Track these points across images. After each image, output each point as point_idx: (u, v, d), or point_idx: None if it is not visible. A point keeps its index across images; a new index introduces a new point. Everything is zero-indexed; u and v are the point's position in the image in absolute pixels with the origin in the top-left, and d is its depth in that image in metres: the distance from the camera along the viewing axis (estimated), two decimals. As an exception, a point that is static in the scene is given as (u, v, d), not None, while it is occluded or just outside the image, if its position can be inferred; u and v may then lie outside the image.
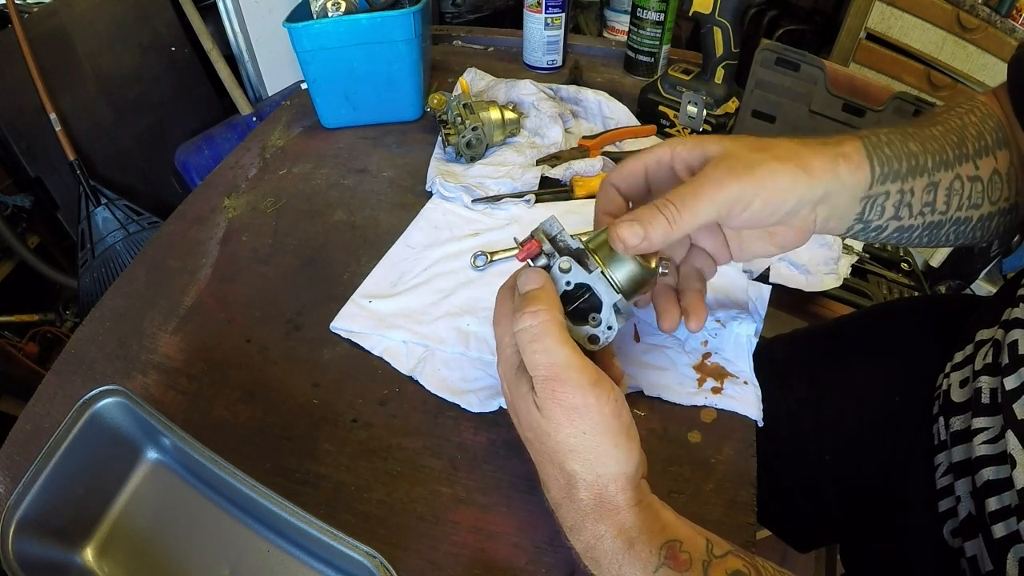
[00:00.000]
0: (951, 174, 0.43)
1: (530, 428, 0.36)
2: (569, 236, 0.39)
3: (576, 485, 0.34)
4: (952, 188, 0.44)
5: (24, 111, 1.34)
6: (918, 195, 0.43)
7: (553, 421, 0.34)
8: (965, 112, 0.46)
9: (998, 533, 0.39)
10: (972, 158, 0.44)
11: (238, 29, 1.58)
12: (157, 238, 0.67)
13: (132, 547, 0.42)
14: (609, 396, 0.34)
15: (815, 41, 1.96)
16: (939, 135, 0.43)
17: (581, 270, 0.38)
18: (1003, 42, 1.46)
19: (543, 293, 0.36)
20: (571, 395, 0.33)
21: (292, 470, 0.46)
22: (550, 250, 0.39)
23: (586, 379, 0.33)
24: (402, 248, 0.64)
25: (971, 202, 0.45)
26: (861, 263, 0.80)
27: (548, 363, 0.33)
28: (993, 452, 0.41)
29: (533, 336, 0.34)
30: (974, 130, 0.45)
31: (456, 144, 0.72)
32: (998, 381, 0.42)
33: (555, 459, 0.35)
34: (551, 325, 0.34)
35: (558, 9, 0.89)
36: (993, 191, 0.45)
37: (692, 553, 0.33)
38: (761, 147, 0.38)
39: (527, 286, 0.37)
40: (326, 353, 0.54)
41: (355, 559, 0.36)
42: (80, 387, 0.51)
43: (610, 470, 0.34)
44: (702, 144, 0.39)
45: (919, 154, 0.42)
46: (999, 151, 0.45)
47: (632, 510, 0.34)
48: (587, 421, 0.33)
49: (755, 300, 0.58)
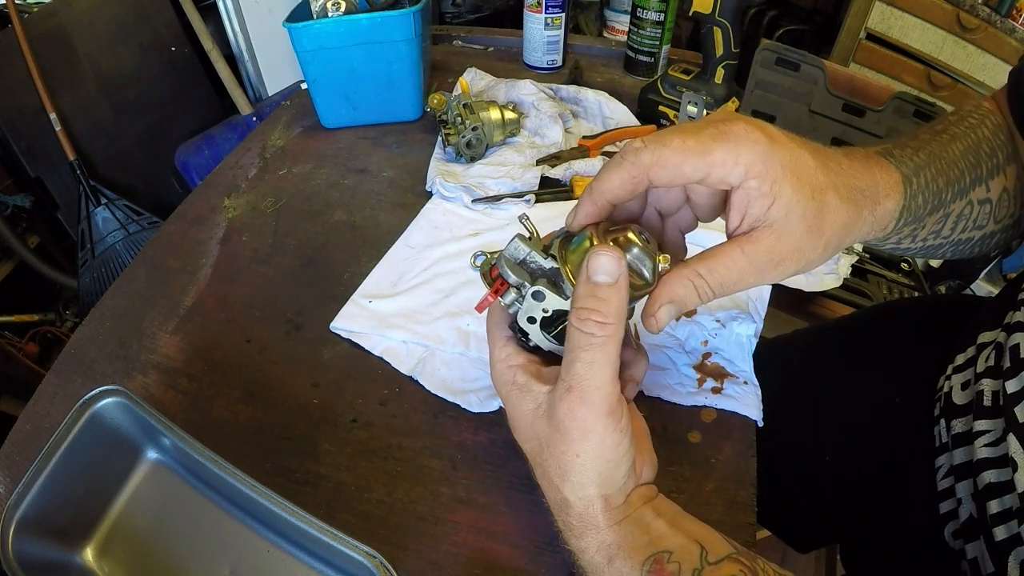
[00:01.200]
0: (964, 202, 0.43)
1: (532, 437, 0.35)
2: (539, 254, 0.35)
3: (564, 502, 0.34)
4: (961, 215, 0.43)
5: (24, 111, 1.34)
6: (927, 228, 0.42)
7: (558, 432, 0.33)
8: (977, 124, 0.45)
9: (999, 536, 0.39)
10: (985, 180, 0.43)
11: (238, 29, 1.58)
12: (157, 238, 0.67)
13: (132, 547, 0.42)
14: (617, 426, 0.33)
15: (815, 41, 1.96)
16: (959, 157, 0.42)
17: (557, 298, 0.35)
18: (1003, 42, 1.46)
19: (616, 295, 0.32)
20: (587, 418, 0.32)
21: (292, 470, 0.46)
22: (518, 281, 0.35)
23: (606, 407, 0.32)
24: (402, 248, 0.64)
25: (976, 224, 0.44)
26: (861, 263, 0.80)
27: (584, 377, 0.32)
28: (994, 455, 0.41)
29: (589, 344, 0.32)
30: (987, 147, 0.44)
31: (456, 144, 0.72)
32: (1000, 384, 0.42)
33: (547, 472, 0.35)
34: (611, 344, 0.32)
35: (558, 9, 0.89)
36: (1000, 210, 0.45)
37: (682, 563, 0.33)
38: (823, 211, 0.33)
39: (600, 275, 0.32)
40: (326, 353, 0.54)
41: (355, 559, 0.36)
42: (80, 387, 0.51)
43: (589, 493, 0.33)
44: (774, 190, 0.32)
45: (942, 191, 0.41)
46: (1008, 167, 0.45)
47: (612, 529, 0.34)
48: (584, 445, 0.33)
49: (755, 300, 0.58)
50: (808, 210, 0.32)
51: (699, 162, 0.31)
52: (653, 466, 0.37)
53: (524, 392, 0.36)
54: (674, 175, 0.32)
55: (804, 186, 0.32)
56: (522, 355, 0.38)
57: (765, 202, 0.32)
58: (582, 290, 0.32)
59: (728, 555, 0.33)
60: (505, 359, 0.37)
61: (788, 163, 0.32)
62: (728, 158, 0.31)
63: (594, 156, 0.73)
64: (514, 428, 0.37)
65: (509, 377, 0.37)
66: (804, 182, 0.32)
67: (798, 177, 0.32)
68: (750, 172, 0.31)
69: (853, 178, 0.35)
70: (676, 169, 0.32)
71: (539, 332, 0.37)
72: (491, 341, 0.39)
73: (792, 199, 0.32)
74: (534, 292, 0.35)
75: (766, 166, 0.31)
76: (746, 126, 0.32)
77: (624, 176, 0.33)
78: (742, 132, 0.32)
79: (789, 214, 0.32)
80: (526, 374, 0.36)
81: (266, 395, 0.51)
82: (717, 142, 0.31)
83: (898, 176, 0.38)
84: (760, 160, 0.31)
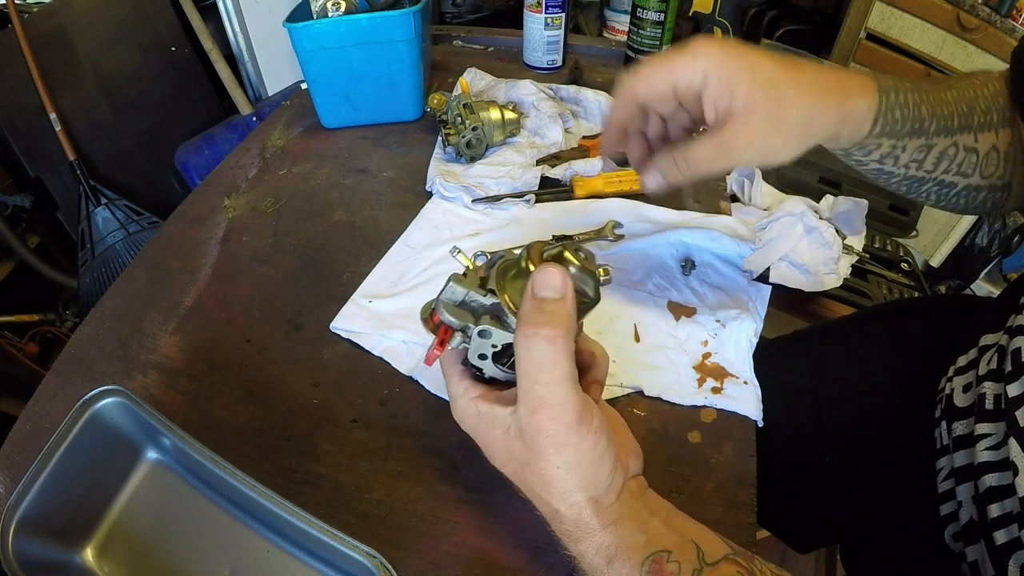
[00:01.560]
0: (949, 140, 0.44)
1: (510, 459, 0.35)
2: (477, 292, 0.35)
3: (555, 514, 0.34)
4: (945, 153, 0.45)
5: (24, 111, 1.34)
6: (908, 152, 0.44)
7: (534, 450, 0.33)
8: (981, 84, 0.46)
9: (999, 540, 0.39)
10: (975, 130, 0.45)
11: (238, 29, 1.58)
12: (157, 238, 0.67)
13: (132, 547, 0.42)
14: (589, 429, 0.33)
15: (815, 41, 1.96)
16: (951, 101, 0.44)
17: (502, 332, 0.35)
18: (1003, 42, 1.46)
19: (562, 309, 0.33)
20: (558, 433, 0.32)
21: (292, 470, 0.46)
22: (461, 324, 0.35)
23: (573, 417, 0.32)
24: (402, 248, 0.64)
25: (960, 169, 0.46)
26: (861, 263, 0.80)
27: (545, 396, 0.32)
28: (995, 458, 0.41)
29: (540, 365, 0.32)
30: (984, 104, 0.45)
31: (456, 144, 0.72)
32: (1002, 387, 0.42)
33: (532, 488, 0.35)
34: (563, 357, 0.32)
35: (558, 9, 0.89)
36: (988, 166, 0.46)
37: (681, 563, 0.33)
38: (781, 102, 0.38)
39: (545, 291, 0.33)
40: (326, 353, 0.54)
41: (355, 559, 0.36)
42: (80, 387, 0.51)
43: (577, 499, 0.33)
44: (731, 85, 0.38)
45: (925, 118, 0.43)
46: (1002, 128, 0.46)
47: (607, 530, 0.33)
48: (563, 457, 0.33)
49: (755, 300, 0.58)
50: (766, 100, 0.38)
51: (665, 72, 0.40)
52: (638, 455, 0.37)
53: (490, 419, 0.36)
54: (650, 88, 0.41)
55: (759, 80, 0.38)
56: (479, 386, 0.38)
57: (726, 95, 0.38)
58: (528, 306, 0.33)
59: (725, 556, 0.33)
60: (464, 393, 0.38)
61: (743, 63, 0.38)
62: (686, 64, 0.39)
63: (594, 156, 0.73)
64: (490, 456, 0.37)
65: (472, 409, 0.37)
66: (759, 77, 0.38)
67: (753, 73, 0.38)
68: (708, 72, 0.38)
69: (816, 75, 0.40)
70: (649, 82, 0.41)
71: (492, 366, 0.37)
72: (447, 378, 0.39)
73: (749, 91, 0.38)
74: (479, 331, 0.35)
75: (721, 66, 0.38)
76: (705, 40, 0.39)
77: (618, 103, 0.43)
78: (700, 44, 0.39)
79: (748, 104, 0.38)
80: (487, 402, 0.37)
81: (266, 395, 0.51)
82: (678, 55, 0.39)
83: (873, 85, 0.41)
84: (715, 62, 0.38)
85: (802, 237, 0.70)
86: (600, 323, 0.56)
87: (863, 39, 1.65)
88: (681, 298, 0.58)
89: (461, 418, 0.38)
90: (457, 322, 0.35)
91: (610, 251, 0.62)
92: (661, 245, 0.63)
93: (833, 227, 0.70)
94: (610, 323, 0.56)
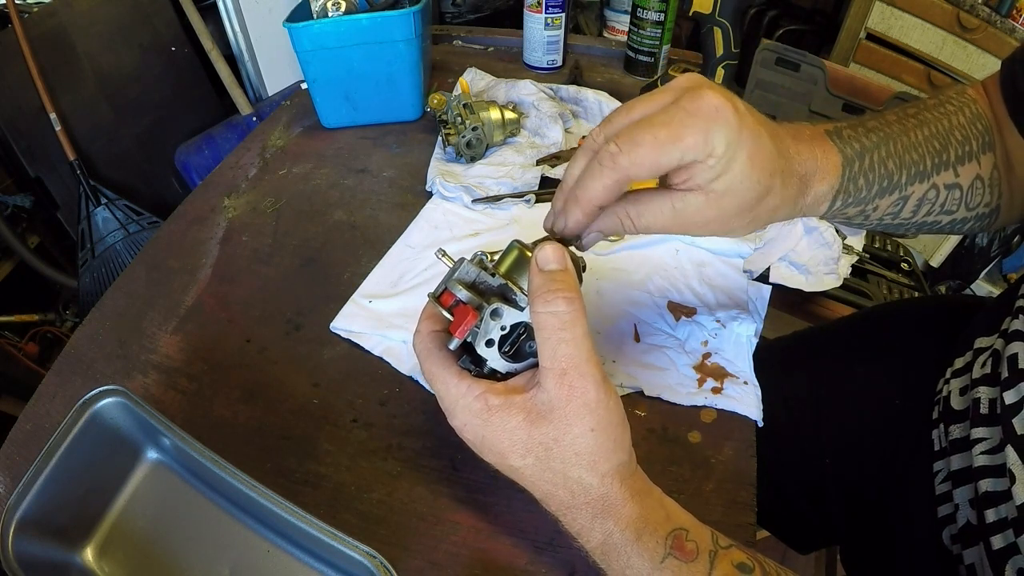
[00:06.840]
0: (926, 185, 0.43)
1: (531, 449, 0.34)
2: (488, 273, 0.36)
3: (582, 491, 0.33)
4: (924, 198, 0.43)
5: (24, 111, 1.34)
6: (881, 210, 0.43)
7: (564, 421, 0.33)
8: (954, 111, 0.44)
9: (996, 544, 0.39)
10: (953, 165, 0.43)
11: (238, 29, 1.58)
12: (157, 238, 0.67)
13: (132, 547, 0.42)
14: (613, 390, 0.34)
15: (815, 41, 1.95)
16: (922, 142, 0.42)
17: (512, 310, 0.35)
18: (1003, 42, 1.46)
19: (570, 277, 0.34)
20: (588, 390, 0.32)
21: (292, 470, 0.46)
22: (477, 302, 0.35)
23: (600, 374, 0.33)
24: (402, 248, 0.64)
25: (944, 208, 0.44)
26: (861, 263, 0.80)
27: (572, 354, 0.32)
28: (992, 463, 0.41)
29: (564, 323, 0.32)
30: (960, 134, 0.43)
31: (456, 144, 0.72)
32: (997, 393, 0.42)
33: (559, 469, 0.33)
34: (581, 314, 0.33)
35: (558, 9, 0.89)
36: (973, 197, 0.45)
37: (699, 542, 0.33)
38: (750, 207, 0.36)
39: (550, 264, 0.34)
40: (326, 353, 0.54)
41: (355, 559, 0.36)
42: (80, 387, 0.51)
43: (611, 465, 0.33)
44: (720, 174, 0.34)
45: (893, 173, 0.41)
46: (983, 155, 0.44)
47: (633, 501, 0.33)
48: (596, 417, 0.33)
49: (755, 300, 0.58)
50: (750, 192, 0.34)
51: (673, 151, 0.32)
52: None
53: (507, 409, 0.34)
54: (652, 170, 0.33)
55: (755, 171, 0.34)
56: (482, 382, 0.36)
57: (712, 174, 0.33)
58: (538, 280, 0.33)
59: (733, 543, 0.34)
60: (467, 392, 0.35)
61: (750, 148, 0.33)
62: (699, 141, 0.32)
63: (594, 156, 0.73)
64: (504, 455, 0.35)
65: (481, 405, 0.35)
66: (756, 167, 0.34)
67: (753, 162, 0.34)
68: (715, 152, 0.33)
69: (799, 164, 0.37)
70: (654, 165, 0.33)
71: (496, 354, 0.37)
72: (440, 384, 0.36)
73: (736, 179, 0.34)
74: (493, 310, 0.35)
75: (729, 149, 0.33)
76: (716, 102, 0.33)
77: (607, 183, 0.34)
78: (712, 111, 0.32)
79: (728, 189, 0.34)
80: (497, 394, 0.35)
81: (266, 395, 0.51)
82: (687, 128, 0.32)
83: (838, 159, 0.39)
84: (725, 143, 0.32)
85: (802, 237, 0.70)
86: (600, 323, 0.56)
87: (863, 39, 1.65)
88: (681, 298, 0.58)
89: (465, 421, 0.35)
90: (475, 299, 0.35)
91: (610, 251, 0.62)
92: (661, 245, 0.63)
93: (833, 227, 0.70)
94: (610, 323, 0.56)
